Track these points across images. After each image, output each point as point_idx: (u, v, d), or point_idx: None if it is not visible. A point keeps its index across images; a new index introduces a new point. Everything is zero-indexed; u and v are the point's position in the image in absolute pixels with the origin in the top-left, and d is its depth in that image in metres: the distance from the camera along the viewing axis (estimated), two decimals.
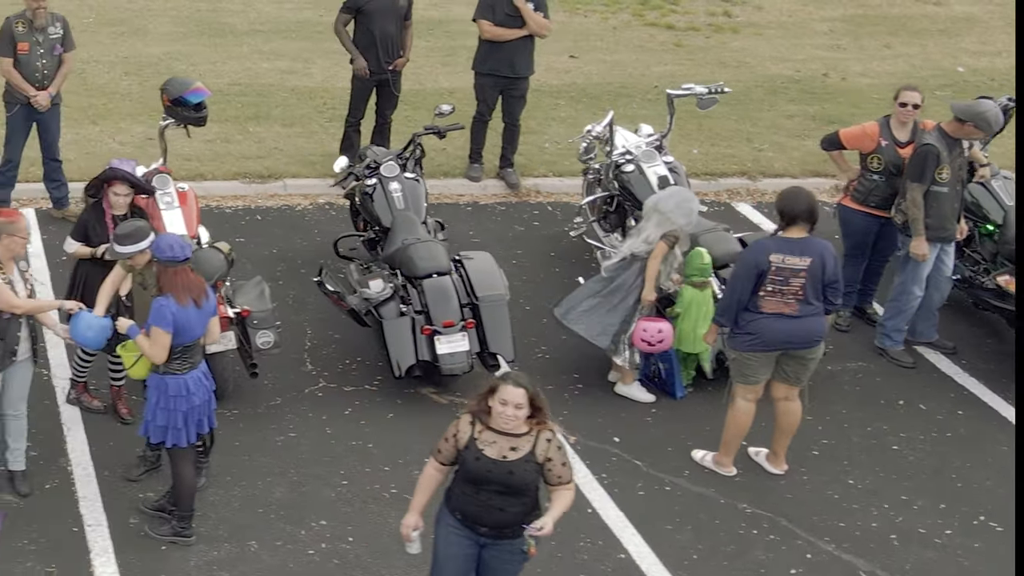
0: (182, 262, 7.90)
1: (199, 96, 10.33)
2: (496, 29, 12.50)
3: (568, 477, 6.80)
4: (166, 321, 7.78)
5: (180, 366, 7.95)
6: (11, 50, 11.59)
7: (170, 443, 8.05)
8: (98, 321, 8.32)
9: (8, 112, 11.86)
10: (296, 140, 13.82)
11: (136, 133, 13.85)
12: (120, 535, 8.32)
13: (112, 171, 8.94)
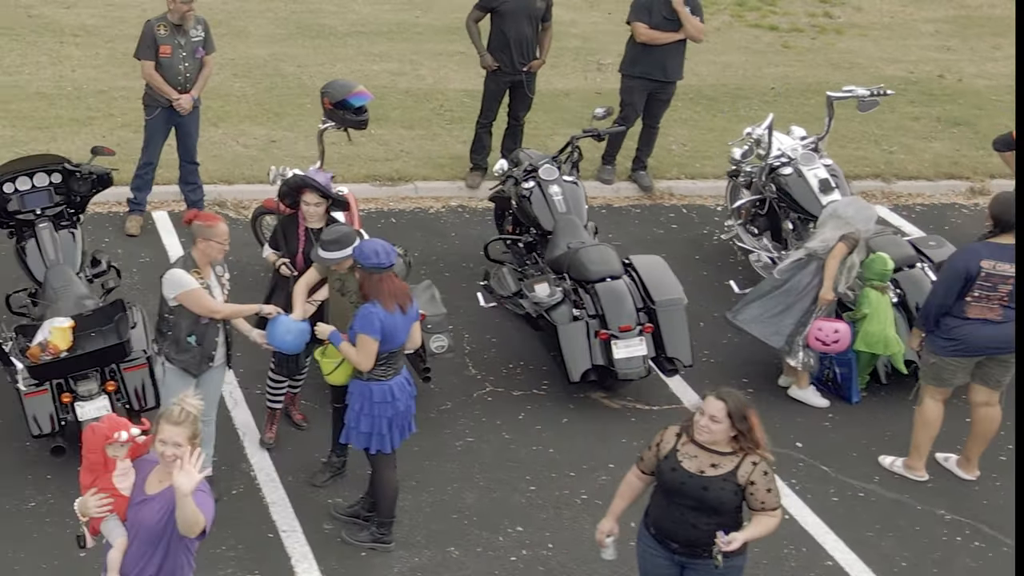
0: (387, 268, 7.85)
1: (362, 100, 10.33)
2: (652, 32, 12.47)
3: (773, 504, 6.60)
4: (374, 328, 7.74)
5: (385, 372, 7.92)
6: (153, 53, 11.60)
7: (374, 449, 8.02)
8: (297, 325, 8.28)
9: (148, 115, 11.85)
10: (420, 142, 13.81)
11: (259, 135, 13.84)
12: (317, 541, 8.31)
13: (302, 178, 8.78)
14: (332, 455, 8.81)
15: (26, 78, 15.12)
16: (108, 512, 6.44)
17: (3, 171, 9.94)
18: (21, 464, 8.97)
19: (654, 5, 12.50)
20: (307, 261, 8.75)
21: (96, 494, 6.44)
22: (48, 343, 8.56)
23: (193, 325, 8.19)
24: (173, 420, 6.19)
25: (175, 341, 8.23)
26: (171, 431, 6.17)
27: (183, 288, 8.12)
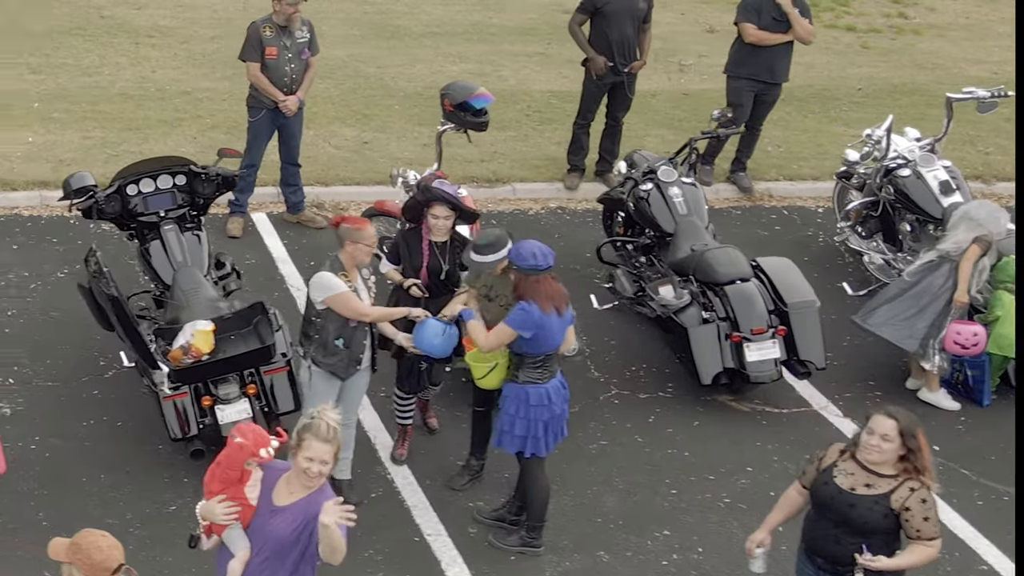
0: (544, 270, 7.84)
1: (483, 101, 10.35)
2: (760, 33, 12.47)
3: (930, 533, 6.41)
4: (523, 326, 7.72)
5: (541, 375, 7.92)
6: (259, 55, 11.61)
7: (528, 452, 8.01)
8: (445, 328, 8.27)
9: (253, 117, 11.86)
10: (513, 144, 13.81)
11: (349, 137, 13.85)
12: (464, 545, 8.33)
13: (432, 191, 8.71)
14: (471, 458, 8.81)
15: (107, 79, 15.15)
16: (234, 520, 6.36)
17: (127, 173, 9.97)
18: (156, 467, 9.00)
19: (763, 6, 12.50)
20: (431, 275, 8.69)
21: (224, 501, 6.34)
22: (191, 346, 8.57)
23: (341, 328, 8.20)
24: (322, 437, 6.07)
25: (322, 344, 8.23)
26: (320, 448, 6.07)
27: (332, 291, 8.12)
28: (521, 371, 7.88)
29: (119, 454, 9.12)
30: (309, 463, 6.08)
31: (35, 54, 15.76)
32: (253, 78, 11.66)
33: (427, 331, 8.26)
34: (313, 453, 6.06)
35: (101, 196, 9.76)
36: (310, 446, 6.07)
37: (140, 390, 9.74)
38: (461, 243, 8.76)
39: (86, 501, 8.63)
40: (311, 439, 6.11)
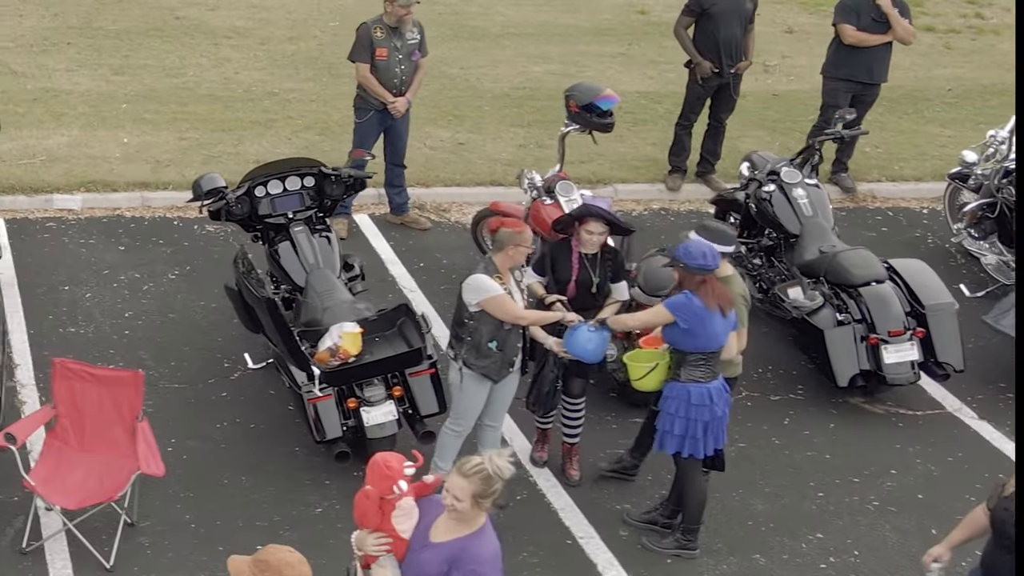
0: (711, 270, 7.83)
1: (610, 103, 10.36)
2: (860, 34, 12.48)
3: None
4: (678, 309, 7.72)
5: (704, 374, 7.91)
6: (369, 56, 11.62)
7: (686, 453, 8.00)
8: (598, 333, 8.26)
9: (360, 118, 11.86)
10: (610, 145, 13.78)
11: (444, 138, 13.86)
12: (617, 548, 8.33)
13: (587, 207, 8.60)
14: (628, 453, 8.83)
15: (192, 80, 15.19)
16: (385, 551, 6.19)
17: (255, 174, 9.98)
18: (296, 469, 9.01)
19: (862, 7, 12.50)
20: (580, 287, 8.63)
21: (374, 532, 6.17)
22: (339, 348, 8.58)
23: (495, 331, 8.19)
24: (463, 471, 5.84)
25: (475, 347, 8.22)
26: (456, 482, 5.83)
27: (487, 294, 8.12)
28: (683, 369, 7.88)
29: (256, 456, 9.13)
30: (446, 494, 5.90)
31: (115, 55, 15.82)
32: (362, 79, 11.66)
33: (579, 336, 8.25)
34: (450, 484, 5.86)
35: (232, 198, 9.77)
36: (451, 476, 5.87)
37: (268, 392, 9.80)
38: (612, 255, 8.70)
39: (231, 503, 8.65)
40: (455, 471, 5.90)
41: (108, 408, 8.32)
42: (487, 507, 5.89)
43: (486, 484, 5.81)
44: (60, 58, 15.63)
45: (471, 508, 5.84)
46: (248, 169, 12.90)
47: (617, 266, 8.67)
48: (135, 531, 8.27)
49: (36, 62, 15.46)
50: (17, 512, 8.46)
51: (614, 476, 8.84)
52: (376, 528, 6.13)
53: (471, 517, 5.91)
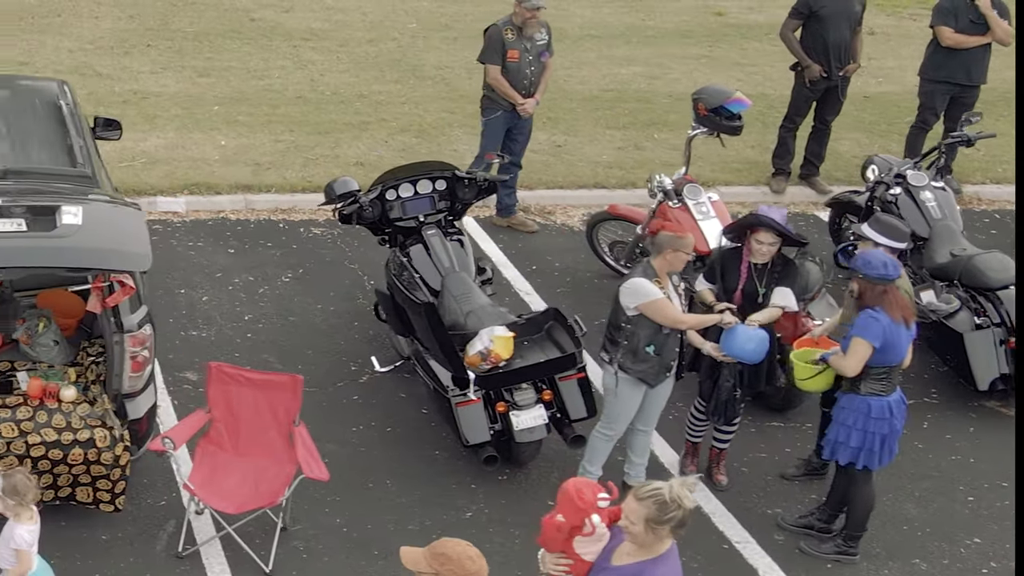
0: (892, 280, 7.77)
1: (741, 106, 10.36)
2: (958, 36, 12.47)
3: None
4: (872, 333, 7.68)
5: (884, 387, 7.85)
6: (500, 58, 11.59)
7: (861, 464, 7.95)
8: (757, 333, 8.24)
9: (487, 117, 11.84)
10: (709, 147, 13.64)
11: (542, 140, 13.84)
12: (776, 552, 8.33)
13: (757, 217, 8.52)
14: (813, 455, 8.84)
15: (278, 82, 15.21)
16: (564, 573, 6.11)
17: (386, 178, 9.99)
18: (439, 473, 9.00)
19: (959, 9, 12.49)
20: (745, 297, 8.56)
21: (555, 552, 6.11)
22: (490, 352, 8.57)
23: (653, 335, 8.18)
24: (637, 495, 5.70)
25: (631, 351, 8.21)
26: (630, 505, 5.70)
27: (647, 298, 8.10)
28: (863, 383, 7.81)
29: (397, 460, 9.13)
30: (624, 519, 5.73)
31: (197, 57, 15.85)
32: (493, 81, 11.64)
33: (738, 338, 8.23)
34: (624, 506, 5.74)
35: (365, 201, 9.78)
36: (627, 499, 5.74)
37: (399, 395, 9.81)
38: (782, 265, 8.59)
39: (379, 507, 8.65)
40: (631, 495, 5.77)
41: (264, 412, 8.33)
42: (665, 534, 5.72)
43: (661, 510, 5.64)
44: (143, 60, 15.66)
45: (645, 533, 5.69)
46: (347, 172, 13.05)
47: (784, 276, 8.57)
48: (288, 535, 8.27)
49: (119, 64, 15.50)
50: (168, 516, 8.48)
51: (803, 478, 8.84)
52: (559, 551, 6.07)
53: (650, 542, 5.76)
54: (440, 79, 15.48)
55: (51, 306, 8.83)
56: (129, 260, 7.33)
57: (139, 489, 8.65)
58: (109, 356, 8.17)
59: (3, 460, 7.93)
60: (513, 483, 8.92)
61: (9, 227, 7.21)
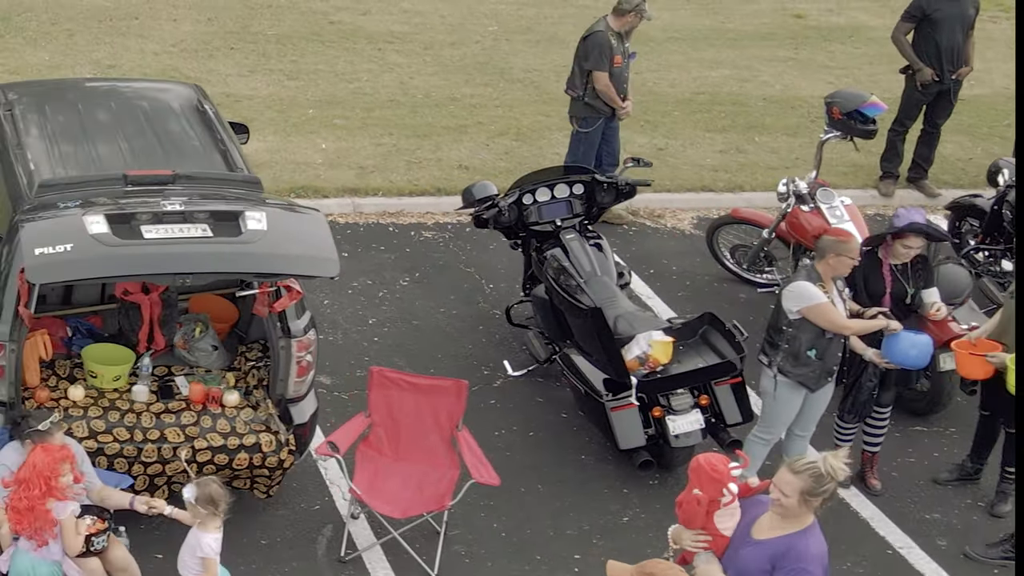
0: None
1: (877, 110, 10.41)
2: None
3: None
4: None
5: None
6: (608, 64, 11.61)
7: None
8: (921, 339, 8.27)
9: (587, 127, 11.84)
10: (810, 150, 13.76)
11: (643, 143, 13.87)
12: (940, 558, 8.36)
13: (914, 225, 8.50)
14: (967, 460, 8.87)
15: (368, 85, 15.23)
16: (703, 548, 6.26)
17: (524, 182, 10.03)
18: (588, 478, 9.05)
19: None
20: (895, 300, 8.58)
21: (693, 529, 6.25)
22: (648, 356, 8.61)
23: (815, 339, 8.20)
24: (793, 468, 5.87)
25: (793, 355, 8.23)
26: (784, 478, 5.85)
27: (810, 302, 8.13)
28: None
29: (545, 464, 9.16)
30: (774, 489, 5.93)
31: (282, 60, 15.87)
32: (605, 88, 11.64)
33: (902, 343, 8.25)
34: (778, 479, 5.89)
35: (504, 205, 9.81)
36: (781, 473, 5.90)
37: (536, 399, 9.84)
38: (923, 263, 8.64)
39: (535, 512, 8.69)
40: (785, 467, 5.94)
41: (426, 416, 8.36)
42: (815, 506, 5.89)
43: (816, 482, 5.82)
44: (228, 63, 15.69)
45: (798, 505, 5.86)
46: (451, 174, 13.13)
47: (928, 273, 8.66)
48: (449, 540, 8.30)
49: (206, 67, 15.53)
50: (324, 521, 8.52)
51: (956, 483, 8.86)
52: (699, 527, 6.18)
53: (798, 515, 5.93)
54: (529, 82, 15.50)
55: (204, 311, 8.87)
56: (318, 265, 7.35)
57: (291, 493, 8.69)
58: (273, 360, 8.22)
59: (169, 465, 7.98)
60: (664, 487, 8.94)
61: (195, 232, 7.24)
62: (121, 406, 8.17)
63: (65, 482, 7.14)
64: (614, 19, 11.74)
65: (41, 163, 8.35)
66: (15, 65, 15.09)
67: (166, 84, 10.65)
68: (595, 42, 11.66)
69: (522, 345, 10.42)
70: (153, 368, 8.45)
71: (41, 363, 8.31)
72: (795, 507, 5.85)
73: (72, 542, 7.12)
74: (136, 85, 10.50)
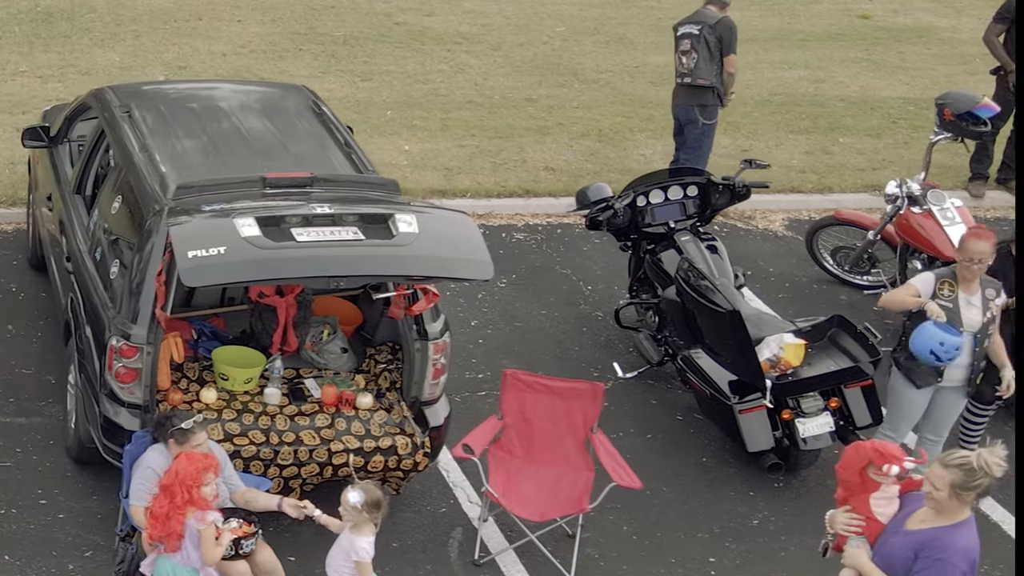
0: None
1: (989, 112, 10.42)
2: None
3: None
4: None
5: None
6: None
7: None
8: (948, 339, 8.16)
9: (711, 119, 11.92)
10: (895, 151, 13.89)
11: (726, 144, 13.85)
12: None
13: None
14: None
15: (442, 86, 15.25)
16: (856, 532, 6.39)
17: (637, 184, 10.04)
18: (713, 480, 9.06)
19: None
20: None
21: (849, 511, 6.42)
22: (779, 359, 8.60)
23: None
24: (945, 461, 5.96)
25: (905, 347, 8.25)
26: (936, 471, 5.95)
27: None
28: None
29: (666, 467, 9.17)
30: (925, 480, 6.01)
31: (353, 61, 15.90)
32: (735, 72, 11.83)
33: (922, 335, 8.15)
34: (930, 473, 5.99)
35: (620, 207, 9.82)
36: (933, 465, 6.01)
37: (650, 402, 9.84)
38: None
39: (663, 515, 8.70)
40: (937, 461, 6.03)
41: (560, 419, 8.37)
42: (969, 500, 5.97)
43: (968, 476, 5.90)
44: (299, 64, 15.71)
45: (949, 499, 5.95)
46: (537, 176, 13.16)
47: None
48: (581, 543, 8.26)
49: (277, 68, 15.55)
50: (452, 524, 8.52)
51: None
52: (856, 506, 6.33)
53: (951, 509, 6.02)
54: (604, 83, 15.52)
55: (329, 313, 8.88)
56: (472, 268, 7.35)
57: (416, 495, 8.70)
58: (407, 363, 8.23)
59: (305, 467, 7.99)
60: (791, 490, 8.96)
61: (346, 235, 7.24)
62: (254, 409, 8.19)
63: (208, 492, 7.13)
64: (718, 10, 11.76)
65: (172, 165, 8.34)
66: (87, 66, 15.13)
67: (274, 85, 10.66)
68: (726, 25, 11.76)
69: (628, 347, 10.44)
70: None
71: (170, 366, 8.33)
72: (946, 501, 5.95)
73: (210, 552, 7.09)
74: (246, 87, 10.51)
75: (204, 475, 7.13)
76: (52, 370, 9.69)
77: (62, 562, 7.96)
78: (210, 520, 7.13)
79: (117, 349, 7.81)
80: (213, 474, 7.19)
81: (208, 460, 7.21)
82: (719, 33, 11.74)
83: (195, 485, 7.10)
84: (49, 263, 10.02)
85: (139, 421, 7.89)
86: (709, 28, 11.75)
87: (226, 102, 9.50)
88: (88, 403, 8.23)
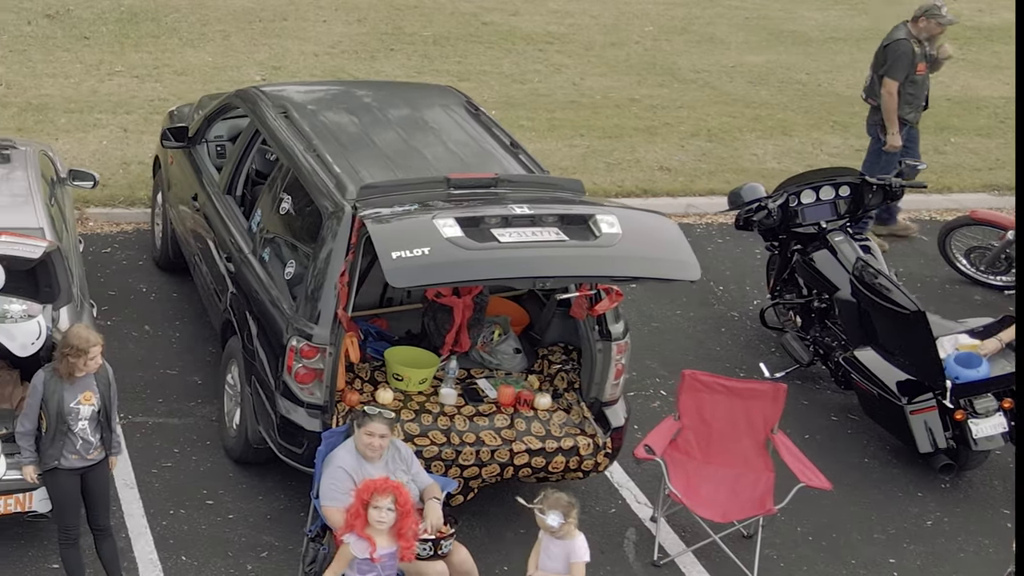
0: None
1: None
2: None
3: None
4: None
5: None
6: (907, 73, 11.45)
7: None
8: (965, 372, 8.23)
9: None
10: (1006, 151, 13.81)
11: (837, 144, 13.90)
12: None
13: None
14: None
15: (542, 86, 15.26)
16: None
17: (789, 184, 10.04)
18: (879, 481, 9.06)
19: None
20: None
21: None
22: None
23: None
24: None
25: None
26: None
27: None
28: None
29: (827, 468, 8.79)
30: None
31: (446, 61, 15.92)
32: (888, 96, 11.43)
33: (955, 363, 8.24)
34: None
35: (774, 207, 9.82)
36: None
37: (802, 402, 9.82)
38: None
39: (835, 515, 8.69)
40: None
41: (739, 420, 8.36)
42: None
43: None
44: (393, 64, 15.73)
45: None
46: (652, 176, 13.16)
47: None
48: (752, 544, 8.26)
49: (372, 68, 15.57)
50: (623, 524, 8.53)
51: None
52: None
53: None
54: (703, 83, 15.52)
55: (496, 314, 8.88)
56: (679, 269, 7.34)
57: (584, 497, 8.65)
58: (588, 363, 8.23)
59: (486, 468, 7.99)
60: (958, 491, 8.96)
61: (548, 236, 7.23)
62: (431, 409, 8.19)
63: (375, 516, 6.85)
64: (913, 25, 11.63)
65: (345, 166, 8.34)
66: (181, 66, 15.15)
67: (421, 86, 10.66)
68: (902, 52, 11.47)
69: (771, 347, 10.44)
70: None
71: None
72: None
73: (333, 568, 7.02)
74: (394, 87, 10.52)
75: (381, 497, 6.86)
76: (195, 371, 9.70)
77: (240, 563, 7.96)
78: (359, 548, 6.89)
79: (298, 350, 7.82)
80: (392, 499, 6.86)
81: (388, 484, 6.93)
82: (885, 54, 11.60)
83: (367, 499, 6.86)
84: (193, 263, 10.00)
85: (318, 421, 7.90)
86: (883, 48, 11.63)
87: (378, 102, 9.51)
88: (259, 404, 8.23)
